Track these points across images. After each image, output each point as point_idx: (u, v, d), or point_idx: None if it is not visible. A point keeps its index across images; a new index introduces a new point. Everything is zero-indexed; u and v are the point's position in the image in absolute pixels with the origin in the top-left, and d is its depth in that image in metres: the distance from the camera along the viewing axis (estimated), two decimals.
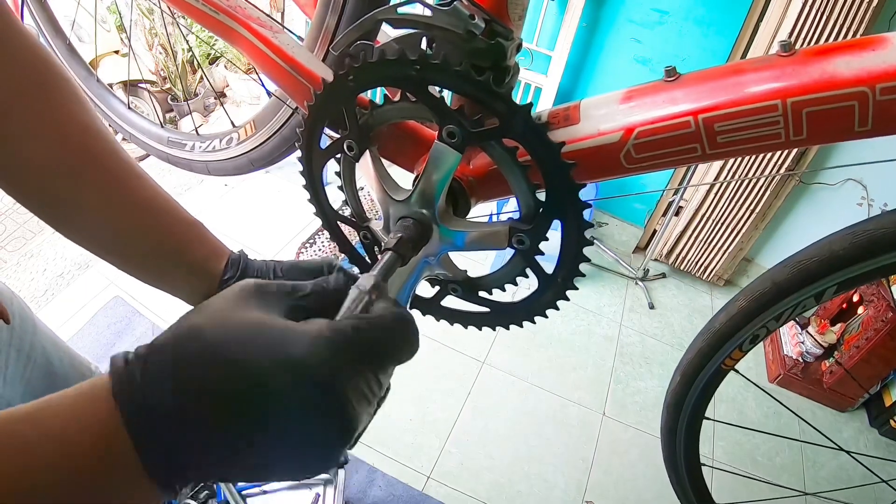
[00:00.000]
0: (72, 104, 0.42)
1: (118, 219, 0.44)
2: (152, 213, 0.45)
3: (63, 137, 0.41)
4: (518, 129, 0.38)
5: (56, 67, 0.42)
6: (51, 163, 0.41)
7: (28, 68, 0.40)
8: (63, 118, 0.42)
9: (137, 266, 0.47)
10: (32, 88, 0.40)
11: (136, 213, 0.44)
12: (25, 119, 0.40)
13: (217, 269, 0.48)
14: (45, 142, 0.41)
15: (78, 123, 0.42)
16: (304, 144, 0.49)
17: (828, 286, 0.49)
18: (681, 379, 0.64)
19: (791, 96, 0.35)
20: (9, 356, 0.70)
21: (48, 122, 0.41)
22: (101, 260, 0.46)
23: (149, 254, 0.46)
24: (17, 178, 0.42)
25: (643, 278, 2.41)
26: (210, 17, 0.58)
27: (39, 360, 0.76)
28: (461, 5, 0.41)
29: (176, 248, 0.47)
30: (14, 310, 0.72)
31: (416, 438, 1.71)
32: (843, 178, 2.10)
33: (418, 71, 0.38)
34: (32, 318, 0.76)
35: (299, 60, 0.54)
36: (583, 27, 2.19)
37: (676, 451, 0.71)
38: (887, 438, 1.98)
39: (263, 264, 0.50)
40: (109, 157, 0.43)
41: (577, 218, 0.40)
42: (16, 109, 0.40)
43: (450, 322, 0.55)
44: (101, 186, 0.43)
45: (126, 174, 0.44)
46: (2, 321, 0.67)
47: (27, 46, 0.40)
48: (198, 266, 0.47)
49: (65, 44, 0.97)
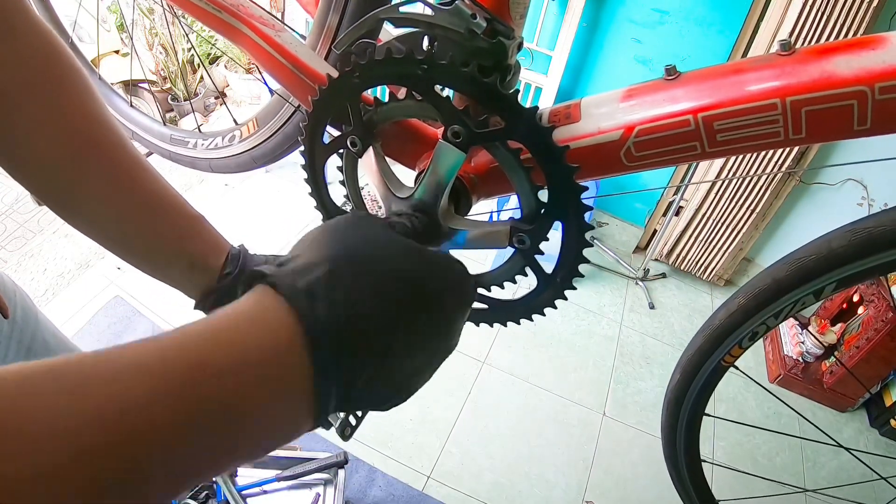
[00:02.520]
0: (82, 95, 0.43)
1: (121, 210, 0.44)
2: (155, 205, 0.46)
3: (72, 128, 0.42)
4: (523, 131, 0.38)
5: (68, 59, 0.43)
6: (58, 153, 0.41)
7: (41, 59, 0.41)
8: (73, 109, 0.42)
9: (139, 257, 0.47)
10: (44, 79, 0.41)
11: (140, 205, 0.45)
12: (36, 109, 0.40)
13: (217, 264, 0.48)
14: (53, 131, 0.41)
15: (87, 115, 0.43)
16: (307, 139, 0.49)
17: (827, 283, 0.50)
18: (681, 375, 0.65)
19: (790, 95, 0.35)
20: (8, 348, 0.70)
21: (58, 113, 0.41)
22: (101, 260, 0.47)
23: (150, 246, 0.46)
24: (24, 166, 0.42)
25: (643, 278, 2.41)
26: (213, 16, 0.59)
27: (40, 354, 0.75)
28: (463, 4, 0.41)
29: (177, 242, 0.47)
30: (16, 302, 0.72)
31: (416, 438, 1.71)
32: (843, 177, 2.10)
33: (426, 70, 0.38)
34: (35, 311, 0.77)
35: (302, 59, 0.54)
36: (583, 27, 2.19)
37: (677, 448, 0.71)
38: (887, 438, 1.98)
39: (264, 259, 0.51)
40: (116, 148, 0.44)
41: (577, 220, 0.40)
42: (27, 100, 0.40)
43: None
44: (106, 177, 0.43)
45: (131, 166, 0.45)
46: (0, 315, 0.68)
47: (41, 37, 0.41)
48: (198, 260, 0.47)
49: (67, 43, 0.97)
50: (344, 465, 1.29)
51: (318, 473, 1.29)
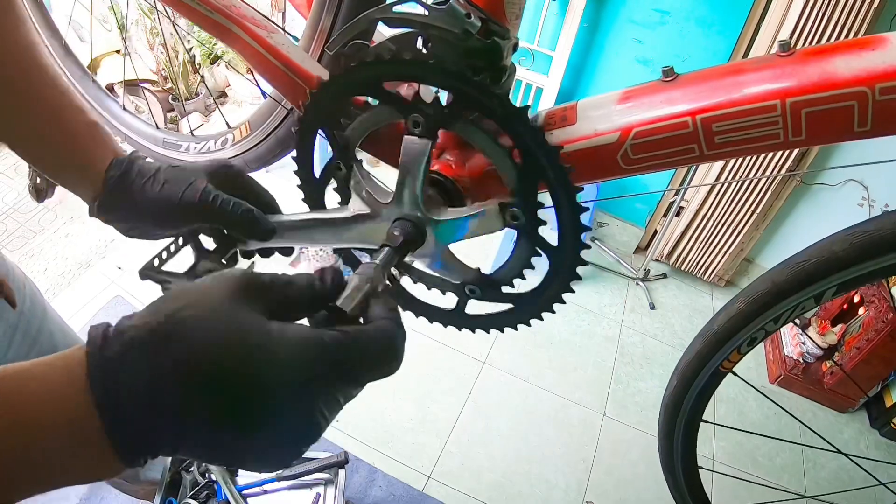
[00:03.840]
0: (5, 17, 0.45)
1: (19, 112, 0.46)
2: (52, 111, 0.47)
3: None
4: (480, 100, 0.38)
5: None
6: None
7: None
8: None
9: (39, 163, 0.50)
10: None
11: (41, 114, 0.47)
12: None
13: (103, 168, 0.49)
14: None
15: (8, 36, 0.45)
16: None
17: (827, 287, 0.49)
18: (678, 381, 0.64)
19: (790, 96, 0.35)
20: (13, 338, 0.71)
21: None
22: (102, 260, 0.47)
23: (45, 149, 0.48)
24: None
25: (644, 279, 2.40)
26: (205, 17, 0.58)
27: (45, 346, 0.77)
28: (457, 4, 0.40)
29: (70, 148, 0.48)
30: (25, 294, 0.73)
31: (416, 438, 1.71)
32: (843, 178, 2.09)
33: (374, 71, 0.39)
34: (43, 304, 0.78)
35: (294, 60, 0.53)
36: (584, 27, 2.19)
37: (673, 455, 0.71)
38: (888, 439, 1.97)
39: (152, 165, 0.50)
40: (27, 58, 0.46)
41: (558, 176, 0.39)
42: None
43: (485, 330, 0.53)
44: (11, 87, 0.45)
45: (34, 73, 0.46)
46: (7, 305, 0.68)
47: None
48: (88, 164, 0.48)
49: (60, 44, 0.97)
50: (344, 464, 1.29)
51: (318, 473, 1.29)
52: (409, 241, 0.43)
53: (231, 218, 0.48)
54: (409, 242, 0.43)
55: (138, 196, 0.48)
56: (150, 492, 1.20)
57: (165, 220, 0.49)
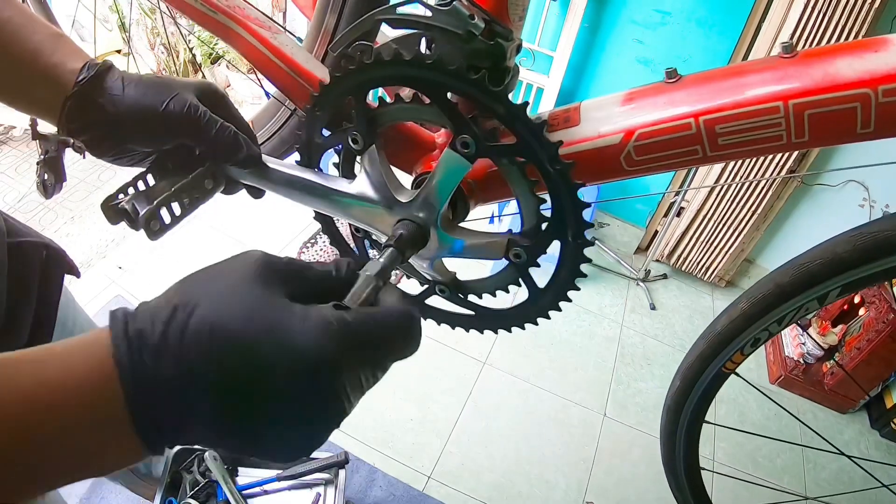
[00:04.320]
0: None
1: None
2: (14, 31, 0.43)
3: None
4: (534, 151, 0.38)
5: None
6: None
7: None
8: None
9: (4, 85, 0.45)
10: None
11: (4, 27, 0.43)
12: None
13: (73, 70, 0.44)
14: None
15: None
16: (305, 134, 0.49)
17: (831, 289, 0.49)
18: (681, 382, 0.64)
19: (793, 98, 0.35)
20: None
21: None
22: (102, 259, 0.46)
23: (9, 70, 0.43)
24: None
25: (644, 279, 2.40)
26: (208, 17, 0.58)
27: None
28: (461, 5, 0.40)
29: (32, 58, 0.43)
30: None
31: (416, 438, 1.71)
32: (844, 179, 2.09)
33: (435, 74, 0.38)
34: (71, 294, 0.77)
35: (298, 61, 0.53)
36: (585, 28, 2.19)
37: (676, 455, 0.71)
38: (888, 440, 1.97)
39: (132, 73, 0.46)
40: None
41: (577, 238, 0.40)
42: None
43: (436, 322, 0.54)
44: None
45: None
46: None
47: None
48: (55, 72, 0.44)
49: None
50: (344, 464, 1.29)
51: (318, 473, 1.29)
52: (415, 246, 0.43)
53: (218, 136, 0.45)
54: (414, 247, 0.43)
55: (116, 101, 0.44)
56: (151, 491, 1.20)
57: (142, 130, 0.45)
